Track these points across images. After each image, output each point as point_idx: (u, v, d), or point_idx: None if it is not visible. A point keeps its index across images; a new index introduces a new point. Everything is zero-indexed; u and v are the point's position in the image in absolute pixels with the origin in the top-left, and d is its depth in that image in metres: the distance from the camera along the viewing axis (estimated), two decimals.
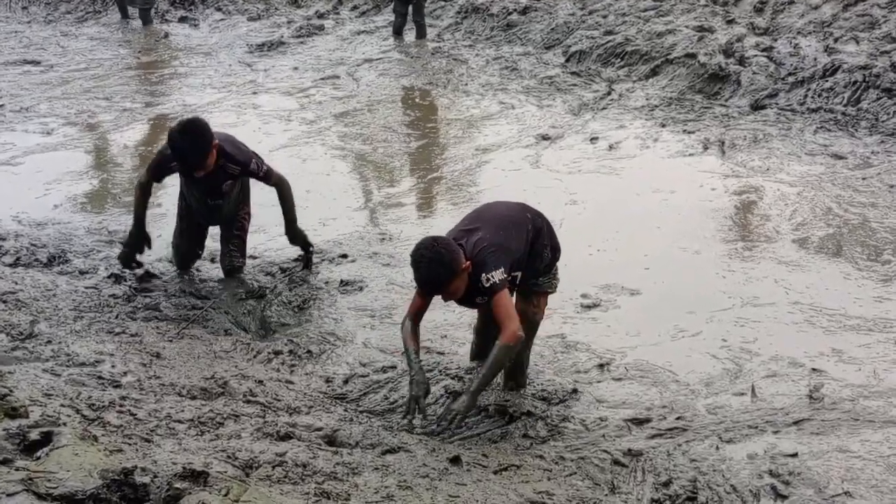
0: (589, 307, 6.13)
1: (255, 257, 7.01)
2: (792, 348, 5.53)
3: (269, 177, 6.37)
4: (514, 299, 4.86)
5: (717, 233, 7.22)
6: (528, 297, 4.90)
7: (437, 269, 4.45)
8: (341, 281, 6.54)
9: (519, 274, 4.75)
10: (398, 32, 13.99)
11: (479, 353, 5.28)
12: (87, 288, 6.25)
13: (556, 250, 5.01)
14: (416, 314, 4.77)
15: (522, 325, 4.87)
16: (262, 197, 7.96)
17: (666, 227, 7.34)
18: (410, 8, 13.88)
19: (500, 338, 4.53)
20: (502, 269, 4.55)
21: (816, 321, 5.85)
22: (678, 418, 4.88)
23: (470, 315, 5.74)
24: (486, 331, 5.18)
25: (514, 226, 4.79)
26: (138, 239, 6.43)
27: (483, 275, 4.53)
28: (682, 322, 5.90)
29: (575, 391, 5.12)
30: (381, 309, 6.21)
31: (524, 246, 4.75)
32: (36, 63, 13.22)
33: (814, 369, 5.30)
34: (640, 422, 4.87)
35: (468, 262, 4.52)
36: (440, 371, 5.23)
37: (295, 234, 6.65)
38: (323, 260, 6.93)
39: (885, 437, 4.67)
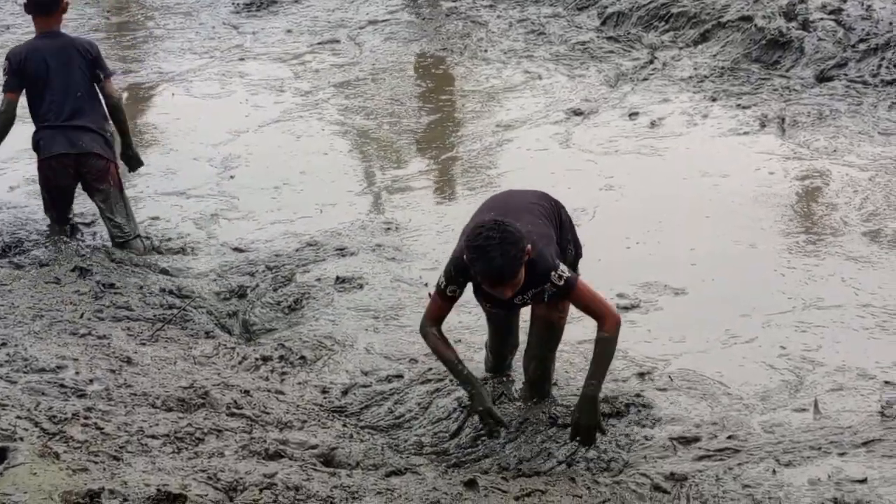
0: (627, 308, 6.13)
1: (241, 250, 7.04)
2: (861, 358, 5.51)
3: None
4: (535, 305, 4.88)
5: (775, 224, 7.21)
6: (553, 303, 4.87)
7: (511, 252, 4.32)
8: (338, 277, 6.56)
9: None
10: None
11: (496, 367, 5.33)
12: (47, 282, 6.28)
13: (578, 246, 5.05)
14: (439, 319, 4.76)
15: (546, 334, 4.94)
16: (248, 178, 8.01)
17: (716, 216, 7.33)
18: None
19: (604, 329, 4.61)
20: (560, 262, 4.59)
21: (890, 326, 5.83)
22: (730, 437, 4.87)
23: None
24: (504, 345, 5.25)
25: (545, 216, 4.81)
26: None
27: (552, 273, 4.53)
28: (735, 326, 5.89)
29: (616, 399, 5.11)
30: (386, 309, 6.22)
31: (555, 242, 4.77)
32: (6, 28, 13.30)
33: (886, 382, 5.28)
34: (687, 441, 4.86)
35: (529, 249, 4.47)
36: (451, 380, 5.23)
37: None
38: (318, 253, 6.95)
39: None
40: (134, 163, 7.39)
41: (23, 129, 7.14)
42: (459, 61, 11.39)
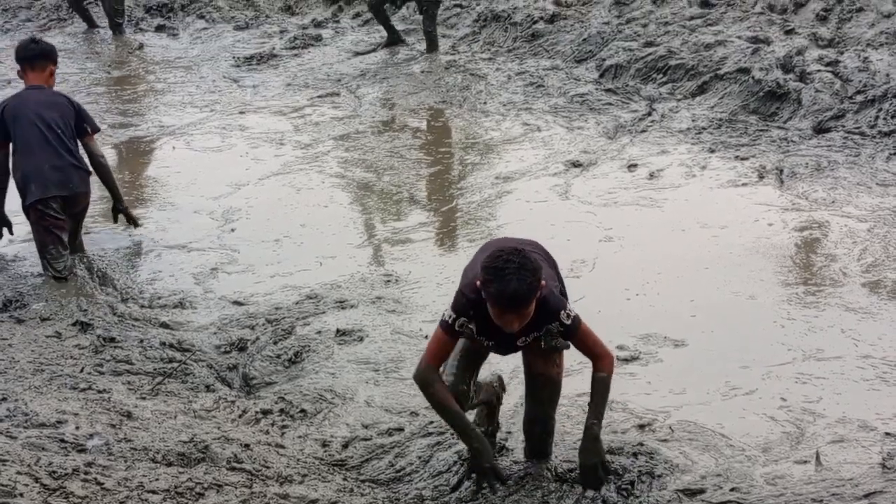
0: (627, 360, 6.14)
1: (241, 303, 7.06)
2: (862, 409, 5.52)
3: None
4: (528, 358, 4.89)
5: (774, 275, 7.24)
6: (548, 355, 4.85)
7: (528, 279, 4.32)
8: (338, 330, 6.58)
9: None
10: (393, 43, 14.12)
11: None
12: (47, 337, 6.30)
13: (566, 297, 5.00)
14: (441, 361, 4.66)
15: (549, 392, 4.92)
16: (248, 231, 8.05)
17: (715, 268, 7.36)
18: (418, 15, 13.98)
19: (602, 369, 4.65)
20: (567, 303, 4.64)
21: (891, 378, 5.84)
22: (733, 489, 4.87)
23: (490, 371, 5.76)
24: (465, 374, 4.88)
25: (544, 260, 4.84)
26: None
27: (562, 312, 4.56)
28: (735, 378, 5.90)
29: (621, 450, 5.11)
30: (386, 362, 6.23)
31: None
32: None
33: (887, 433, 5.29)
34: (692, 493, 4.85)
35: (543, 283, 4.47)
36: (452, 434, 5.22)
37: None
38: (318, 306, 6.98)
39: None
40: (128, 220, 7.95)
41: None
42: (459, 113, 11.48)
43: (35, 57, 7.54)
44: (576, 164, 9.52)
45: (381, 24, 14.21)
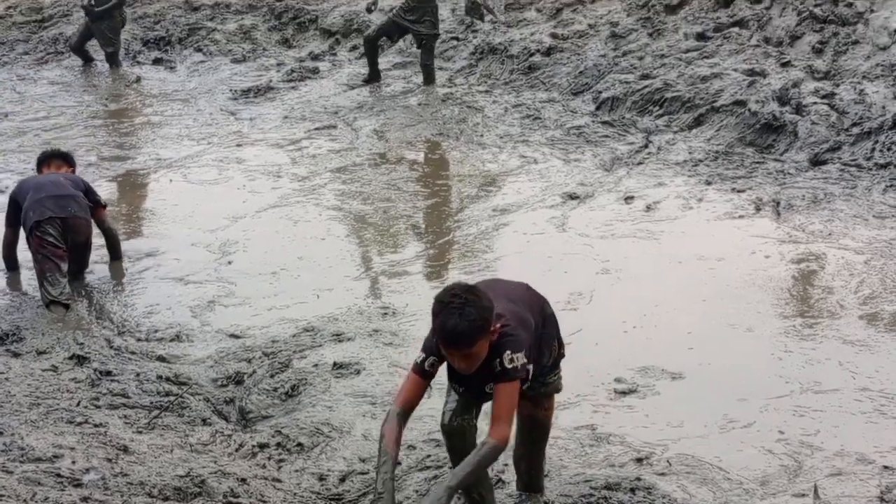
0: (624, 393, 6.15)
1: (238, 336, 7.07)
2: (860, 442, 5.52)
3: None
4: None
5: (771, 307, 7.25)
6: (538, 401, 4.82)
7: (471, 316, 4.23)
8: (335, 363, 6.58)
9: (531, 368, 4.52)
10: (373, 80, 14.16)
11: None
12: (44, 370, 6.30)
13: (561, 344, 4.89)
14: (409, 401, 4.54)
15: (534, 432, 4.87)
16: (245, 264, 8.07)
17: (713, 300, 7.38)
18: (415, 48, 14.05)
19: (492, 436, 4.35)
20: (524, 353, 4.40)
21: (888, 410, 5.85)
22: None
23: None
24: (458, 412, 4.71)
25: (527, 307, 4.68)
26: None
27: (507, 353, 4.36)
28: (733, 411, 5.90)
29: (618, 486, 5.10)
30: (384, 395, 6.23)
31: (534, 334, 4.64)
32: None
33: (885, 467, 5.29)
34: None
35: (497, 327, 4.38)
36: (449, 466, 5.21)
37: None
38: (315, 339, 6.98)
39: None
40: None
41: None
42: (456, 146, 11.53)
43: (46, 159, 8.40)
44: (573, 197, 9.56)
45: (367, 57, 14.24)
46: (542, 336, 4.68)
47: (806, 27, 12.37)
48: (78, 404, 5.86)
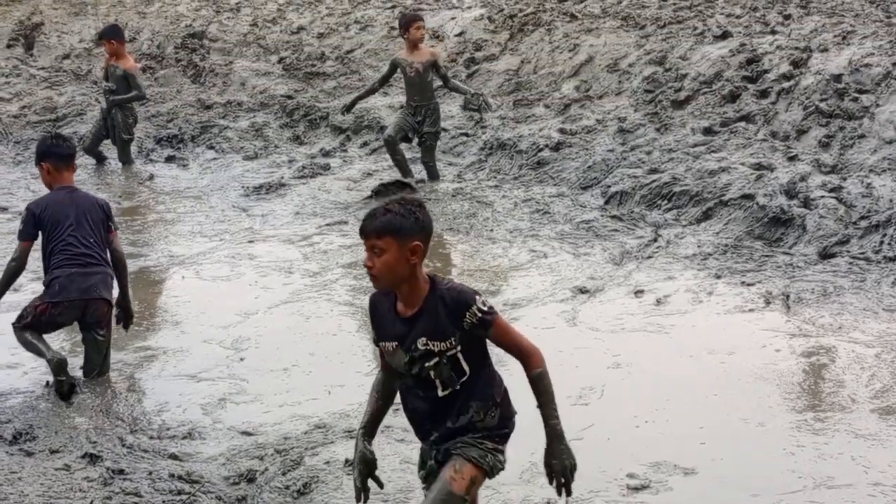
0: (637, 489, 6.16)
1: (250, 433, 7.10)
2: None
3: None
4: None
5: (783, 401, 7.28)
6: (459, 465, 4.69)
7: (400, 212, 4.50)
8: (346, 460, 6.60)
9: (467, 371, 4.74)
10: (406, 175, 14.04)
11: None
12: (56, 469, 6.34)
13: (506, 419, 4.85)
14: (385, 367, 4.91)
15: (437, 493, 4.65)
16: (257, 360, 8.12)
17: (724, 394, 7.40)
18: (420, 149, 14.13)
19: (534, 366, 4.66)
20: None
21: None
22: None
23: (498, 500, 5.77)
24: None
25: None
26: None
27: (476, 298, 4.57)
28: None
29: None
30: (395, 492, 6.25)
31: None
32: (3, 209, 13.60)
33: None
34: None
35: (423, 249, 4.55)
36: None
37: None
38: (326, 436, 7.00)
39: None
40: (127, 317, 8.20)
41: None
42: (465, 240, 11.63)
43: (73, 156, 8.16)
44: (583, 291, 9.63)
45: (393, 158, 13.95)
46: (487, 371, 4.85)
47: (812, 121, 12.53)
48: None
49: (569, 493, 4.67)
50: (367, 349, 8.69)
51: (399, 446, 6.83)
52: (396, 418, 7.20)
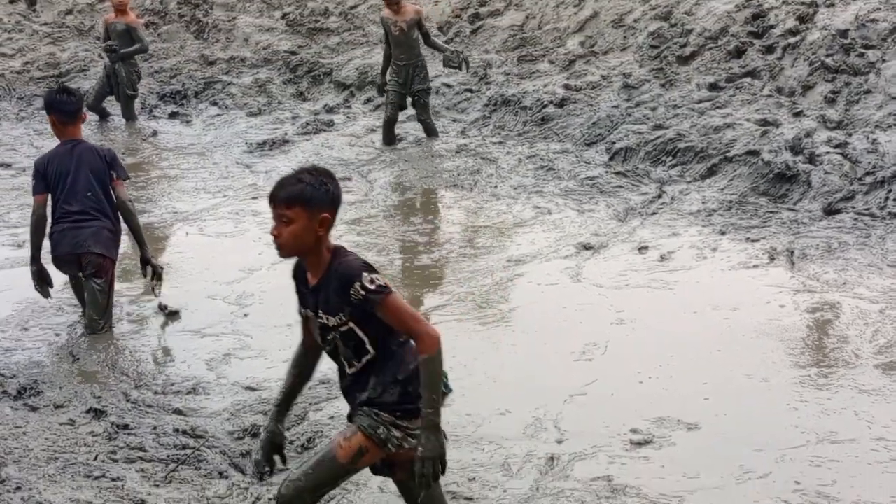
0: (640, 444, 6.16)
1: (254, 388, 7.11)
2: (876, 492, 5.53)
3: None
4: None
5: (787, 357, 7.27)
6: (350, 431, 4.67)
7: (310, 182, 4.51)
8: (350, 415, 6.59)
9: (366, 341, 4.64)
10: (388, 141, 13.98)
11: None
12: (61, 424, 6.35)
13: (408, 395, 4.59)
14: (305, 337, 4.98)
15: (320, 453, 4.70)
16: (261, 316, 8.12)
17: (728, 350, 7.40)
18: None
19: (420, 350, 4.39)
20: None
21: None
22: None
23: (501, 455, 5.78)
24: None
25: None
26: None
27: (364, 275, 4.46)
28: (749, 461, 5.91)
29: None
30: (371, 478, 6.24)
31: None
32: (6, 166, 13.61)
33: None
34: None
35: (330, 221, 4.59)
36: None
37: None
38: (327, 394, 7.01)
39: None
40: (153, 273, 8.33)
41: None
42: (470, 196, 11.60)
43: (79, 111, 8.07)
44: (587, 247, 9.61)
45: (385, 137, 13.99)
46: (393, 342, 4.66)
47: (818, 77, 12.44)
48: (95, 458, 5.90)
49: (428, 486, 4.48)
50: None
51: None
52: None
